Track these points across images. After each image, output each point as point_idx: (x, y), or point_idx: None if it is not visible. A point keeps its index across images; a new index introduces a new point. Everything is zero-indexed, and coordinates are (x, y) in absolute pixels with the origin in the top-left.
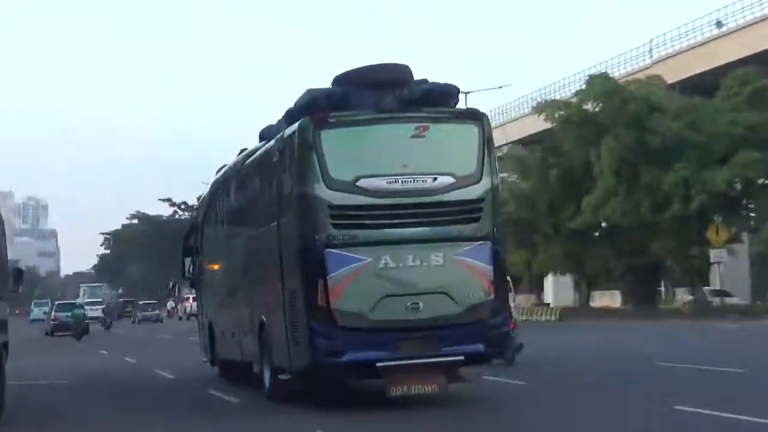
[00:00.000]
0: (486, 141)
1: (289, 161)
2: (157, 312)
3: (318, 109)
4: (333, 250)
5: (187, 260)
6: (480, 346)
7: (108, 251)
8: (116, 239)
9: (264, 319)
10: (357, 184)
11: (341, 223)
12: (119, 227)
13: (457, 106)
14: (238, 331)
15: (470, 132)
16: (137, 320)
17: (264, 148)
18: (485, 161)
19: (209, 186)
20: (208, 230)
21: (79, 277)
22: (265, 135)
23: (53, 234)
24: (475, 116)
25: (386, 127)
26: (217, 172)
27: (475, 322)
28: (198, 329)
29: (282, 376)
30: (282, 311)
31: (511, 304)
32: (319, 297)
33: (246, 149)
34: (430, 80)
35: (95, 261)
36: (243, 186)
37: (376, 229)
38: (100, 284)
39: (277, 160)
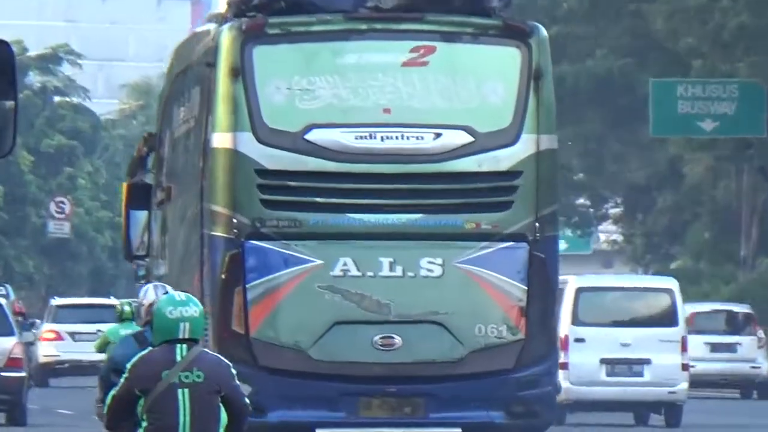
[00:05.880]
0: (534, 75)
1: (205, 90)
2: None
3: (256, 7)
4: (260, 243)
5: (135, 219)
6: (497, 414)
7: None
8: None
9: None
10: (306, 137)
11: (277, 200)
12: None
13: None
14: None
15: (508, 59)
16: None
17: (191, 52)
18: (530, 109)
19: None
20: (165, 161)
21: None
22: None
23: None
24: (518, 33)
25: (362, 46)
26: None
27: (491, 374)
28: None
29: None
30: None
31: None
32: (234, 318)
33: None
34: None
35: None
36: (175, 101)
37: (333, 213)
38: None
39: (199, 82)
